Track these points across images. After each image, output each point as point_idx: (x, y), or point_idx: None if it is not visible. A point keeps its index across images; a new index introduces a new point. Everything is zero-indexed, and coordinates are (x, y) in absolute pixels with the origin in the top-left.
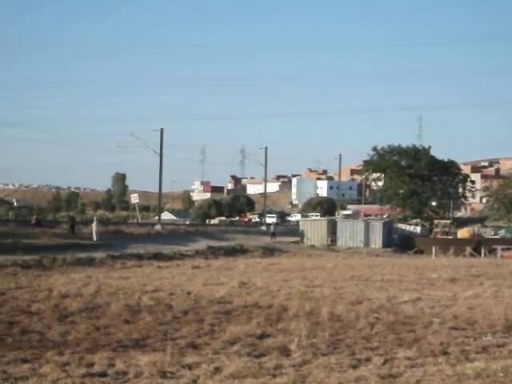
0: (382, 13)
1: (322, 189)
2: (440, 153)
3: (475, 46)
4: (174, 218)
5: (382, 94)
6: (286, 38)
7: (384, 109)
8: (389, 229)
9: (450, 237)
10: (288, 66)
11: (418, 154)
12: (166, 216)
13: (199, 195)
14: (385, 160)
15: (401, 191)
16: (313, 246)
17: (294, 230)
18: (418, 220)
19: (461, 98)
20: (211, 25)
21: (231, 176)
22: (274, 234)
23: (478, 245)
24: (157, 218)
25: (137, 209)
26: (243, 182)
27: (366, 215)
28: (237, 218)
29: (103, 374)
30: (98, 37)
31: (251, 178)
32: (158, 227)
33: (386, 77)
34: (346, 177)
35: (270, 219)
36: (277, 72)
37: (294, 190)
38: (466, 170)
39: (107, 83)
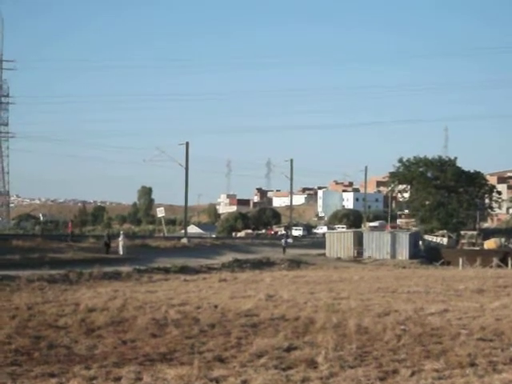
0: (406, 25)
1: (348, 201)
2: (466, 164)
3: (500, 57)
4: (200, 231)
5: (408, 106)
6: (310, 48)
7: (410, 120)
8: (415, 240)
9: (477, 248)
10: (313, 77)
11: (444, 166)
12: (192, 229)
13: (225, 208)
14: (411, 171)
15: (427, 202)
16: (339, 259)
17: (321, 243)
18: (445, 231)
19: (486, 109)
20: (232, 34)
21: (257, 189)
22: (284, 249)
23: (505, 256)
24: (183, 231)
25: (163, 222)
26: (269, 194)
27: (392, 227)
28: (263, 231)
29: None
30: (123, 49)
31: (277, 190)
32: (184, 241)
33: (411, 88)
34: (371, 189)
35: (296, 232)
36: (302, 83)
37: (319, 202)
38: (492, 180)
39: (132, 96)
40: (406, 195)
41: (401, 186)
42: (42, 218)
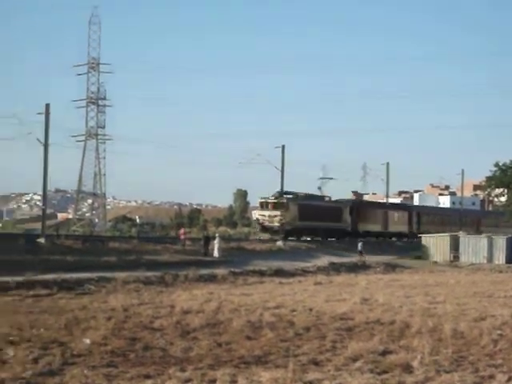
0: (495, 26)
1: (444, 204)
2: None
3: None
4: None
5: (506, 109)
6: (403, 50)
7: (507, 124)
8: None
9: None
10: (410, 79)
11: None
12: None
13: None
14: (508, 175)
15: None
16: (435, 263)
17: (416, 246)
18: None
19: None
20: (330, 37)
21: (353, 192)
22: (361, 253)
23: None
24: None
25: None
26: (365, 197)
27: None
28: None
29: None
30: (218, 53)
31: (373, 193)
32: (279, 243)
33: (508, 90)
34: (468, 192)
35: None
36: (398, 86)
37: None
38: None
39: (227, 98)
40: (503, 199)
41: (497, 190)
42: (138, 221)
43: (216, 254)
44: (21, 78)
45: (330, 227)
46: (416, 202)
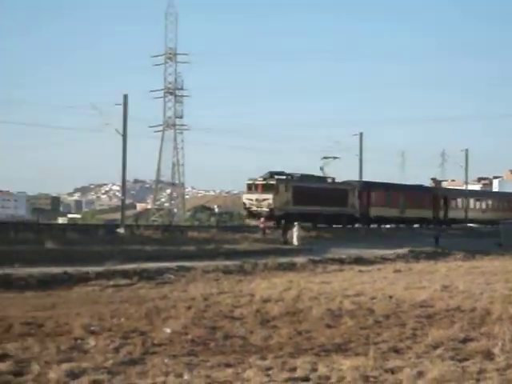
0: None
1: None
2: None
3: None
4: None
5: None
6: (481, 35)
7: None
8: None
9: None
10: (492, 66)
11: None
12: None
13: None
14: None
15: None
16: None
17: (495, 233)
18: None
19: None
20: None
21: (431, 179)
22: (437, 240)
23: None
24: None
25: None
26: (444, 184)
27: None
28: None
29: (306, 379)
30: (296, 40)
31: (452, 180)
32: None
33: None
34: None
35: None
36: (477, 73)
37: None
38: None
39: (308, 88)
40: None
41: None
42: (216, 210)
43: (295, 242)
44: (99, 69)
45: (332, 212)
46: (495, 188)
